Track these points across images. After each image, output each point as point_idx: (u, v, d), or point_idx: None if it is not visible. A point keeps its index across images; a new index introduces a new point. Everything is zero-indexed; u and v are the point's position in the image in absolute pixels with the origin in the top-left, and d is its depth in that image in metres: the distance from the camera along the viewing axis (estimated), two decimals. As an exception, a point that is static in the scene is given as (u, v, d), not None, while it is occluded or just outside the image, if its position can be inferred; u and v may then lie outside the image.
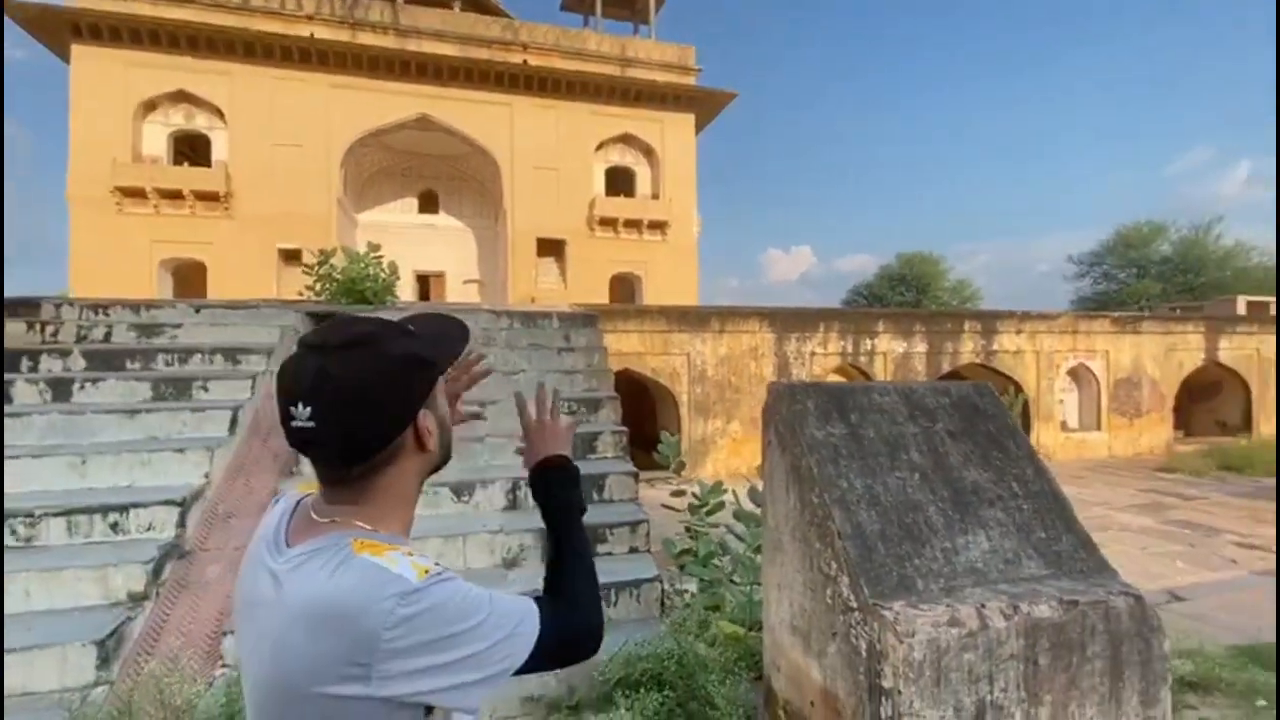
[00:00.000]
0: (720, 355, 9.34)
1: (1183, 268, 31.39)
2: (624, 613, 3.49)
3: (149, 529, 3.62)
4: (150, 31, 17.62)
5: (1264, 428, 12.52)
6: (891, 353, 10.23)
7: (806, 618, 2.24)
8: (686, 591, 3.37)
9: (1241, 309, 15.92)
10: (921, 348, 10.42)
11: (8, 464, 3.88)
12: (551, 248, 21.87)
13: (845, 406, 2.39)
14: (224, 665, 3.01)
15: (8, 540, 3.53)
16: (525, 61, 21.25)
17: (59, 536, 3.57)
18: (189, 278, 18.71)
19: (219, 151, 18.72)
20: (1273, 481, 9.09)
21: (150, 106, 18.31)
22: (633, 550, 3.98)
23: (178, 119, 18.67)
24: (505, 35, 21.72)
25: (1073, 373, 11.87)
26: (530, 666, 0.83)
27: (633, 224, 22.25)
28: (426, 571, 0.76)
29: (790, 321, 9.77)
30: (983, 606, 1.86)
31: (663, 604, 3.65)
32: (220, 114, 18.59)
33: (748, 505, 3.61)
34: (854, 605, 1.96)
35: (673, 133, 22.69)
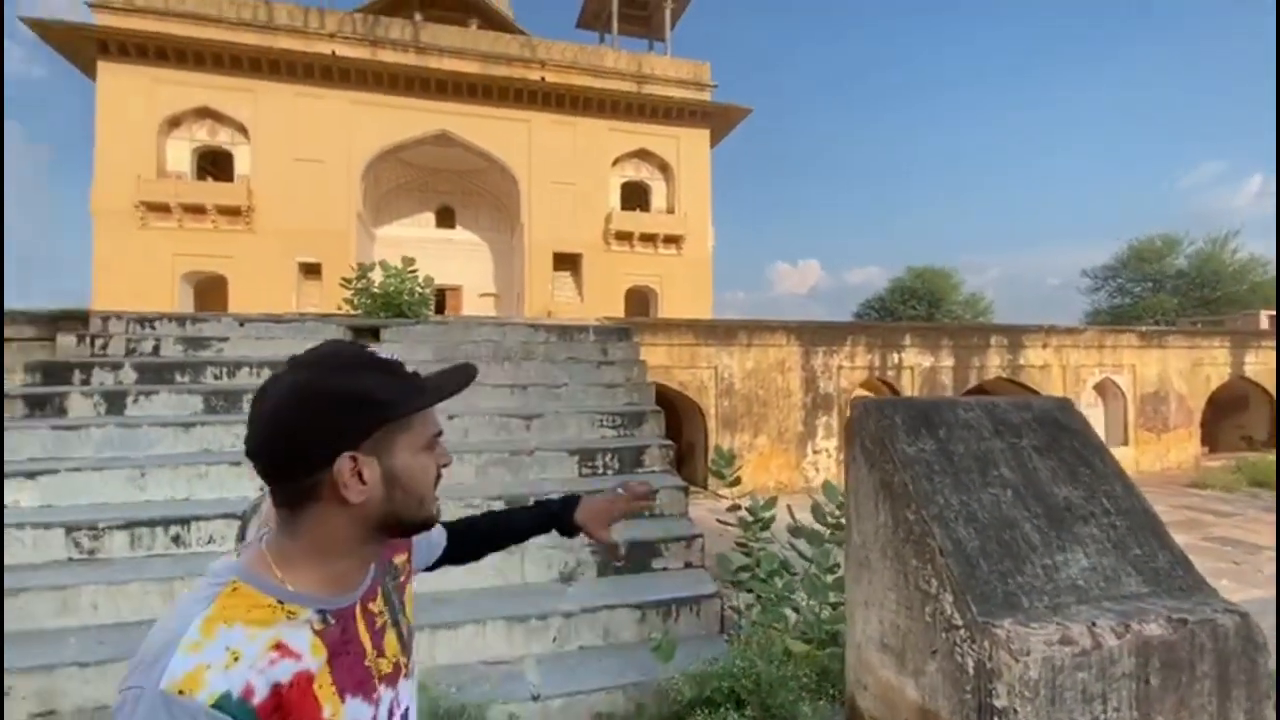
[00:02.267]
0: (747, 369, 9.34)
1: (1199, 281, 31.18)
2: (685, 629, 3.48)
3: (210, 542, 3.64)
4: (176, 49, 17.99)
5: (1294, 443, 12.38)
6: (918, 367, 10.21)
7: (900, 635, 2.23)
8: (750, 608, 3.36)
9: (1264, 324, 15.80)
10: (948, 362, 10.39)
11: (69, 476, 3.92)
12: (567, 261, 22.02)
13: (933, 422, 2.40)
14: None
15: (71, 553, 3.56)
16: (543, 79, 21.52)
17: (121, 549, 3.60)
18: (210, 291, 18.92)
19: (241, 166, 19.02)
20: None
21: (174, 123, 18.64)
22: (688, 565, 3.98)
23: (201, 135, 19.00)
24: (524, 53, 22.02)
25: (1099, 387, 11.79)
26: None
27: (648, 238, 22.39)
28: (187, 689, 0.65)
29: (817, 335, 9.78)
30: (1093, 624, 1.85)
31: (723, 621, 3.63)
32: (243, 130, 18.90)
33: (806, 522, 3.60)
34: (959, 623, 1.95)
35: (688, 148, 22.89)
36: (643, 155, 22.85)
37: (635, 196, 23.24)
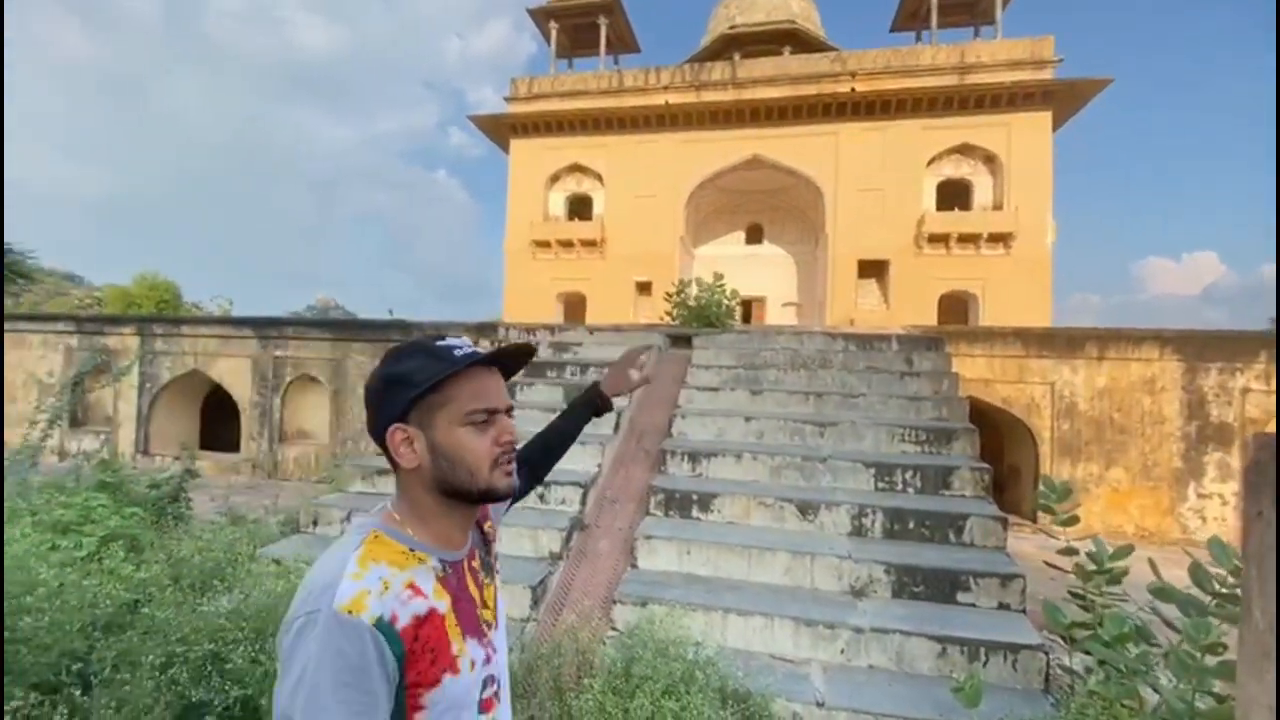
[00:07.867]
0: (1098, 387, 7.45)
1: None
2: (995, 677, 2.94)
3: (562, 503, 4.35)
4: (557, 121, 22.14)
5: None
6: (1394, 394, 6.85)
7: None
8: (1089, 674, 2.66)
9: None
10: None
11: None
12: (873, 268, 20.58)
13: None
14: (613, 629, 3.40)
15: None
16: (853, 89, 20.54)
17: (534, 501, 4.52)
18: (575, 305, 22.77)
19: (598, 207, 22.45)
20: None
21: (554, 178, 22.93)
22: (1001, 606, 3.35)
23: (571, 185, 23.00)
24: (833, 68, 21.31)
25: None
26: None
27: (968, 238, 19.57)
28: (354, 610, 0.75)
29: (1208, 348, 7.28)
30: None
31: (1047, 678, 2.97)
32: (599, 178, 22.29)
33: (1177, 582, 2.71)
34: None
35: (1021, 135, 19.34)
36: (964, 150, 20.09)
37: (953, 195, 20.56)
